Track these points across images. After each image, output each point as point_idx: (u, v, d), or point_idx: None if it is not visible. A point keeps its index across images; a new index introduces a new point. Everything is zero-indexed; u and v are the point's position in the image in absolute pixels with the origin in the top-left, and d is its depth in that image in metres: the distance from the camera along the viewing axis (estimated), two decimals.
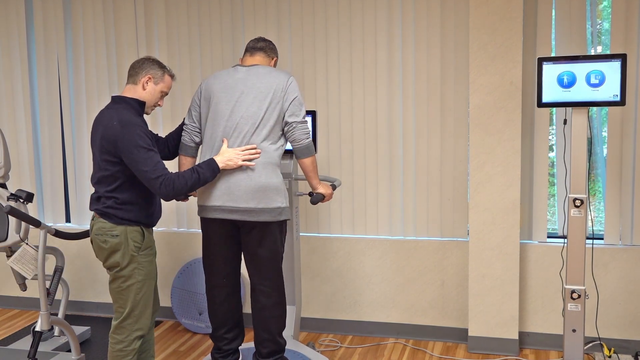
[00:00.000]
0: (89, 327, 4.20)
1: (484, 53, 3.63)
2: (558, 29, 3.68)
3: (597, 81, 3.10)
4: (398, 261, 4.04)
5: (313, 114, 3.42)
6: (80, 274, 4.68)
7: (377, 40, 3.94)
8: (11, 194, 3.43)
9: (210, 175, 2.84)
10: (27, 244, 3.40)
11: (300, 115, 2.93)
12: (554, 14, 3.68)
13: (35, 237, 4.26)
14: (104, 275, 4.61)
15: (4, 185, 3.56)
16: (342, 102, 4.05)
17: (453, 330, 4.00)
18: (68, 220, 4.76)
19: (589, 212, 3.47)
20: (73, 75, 4.55)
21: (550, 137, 3.80)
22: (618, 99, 3.08)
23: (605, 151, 3.72)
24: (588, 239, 3.64)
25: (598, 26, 3.72)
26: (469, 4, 3.68)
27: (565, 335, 3.27)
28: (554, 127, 3.86)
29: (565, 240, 3.30)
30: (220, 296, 3.09)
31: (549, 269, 3.79)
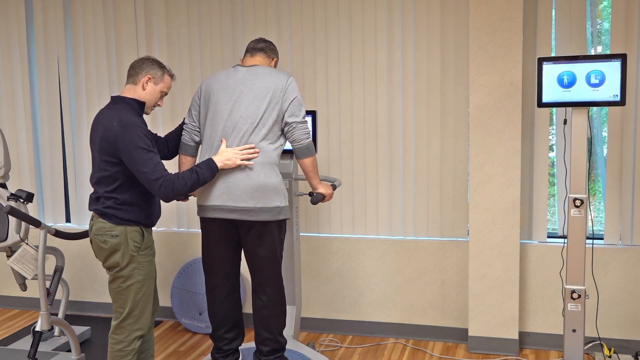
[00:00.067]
0: (89, 327, 4.20)
1: (484, 53, 3.63)
2: (558, 29, 3.68)
3: (597, 81, 3.10)
4: (398, 261, 4.04)
5: (313, 114, 3.41)
6: (80, 274, 4.68)
7: (377, 40, 3.94)
8: (11, 194, 3.43)
9: (209, 175, 2.84)
10: (27, 244, 3.40)
11: (300, 116, 2.93)
12: (554, 14, 3.68)
13: (35, 237, 4.25)
14: (104, 275, 4.61)
15: (4, 185, 3.56)
16: (342, 102, 4.05)
17: (453, 330, 4.00)
18: (68, 220, 4.76)
19: (589, 212, 3.47)
20: (73, 75, 4.55)
21: (550, 137, 3.80)
22: (618, 99, 3.08)
23: (605, 151, 3.72)
24: (588, 239, 3.64)
25: (598, 26, 3.72)
26: (469, 4, 3.68)
27: (565, 335, 3.27)
28: (554, 127, 3.86)
29: (565, 240, 3.30)
30: (220, 296, 3.09)
31: (549, 269, 3.79)
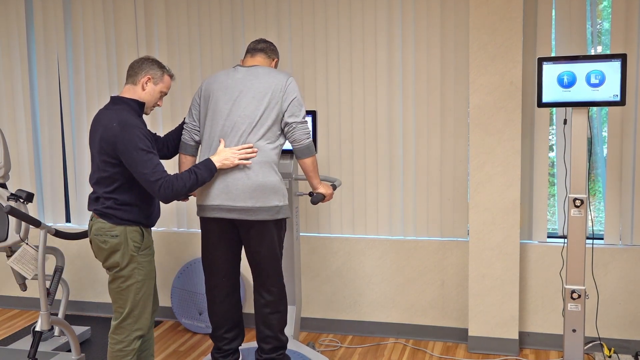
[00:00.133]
0: (89, 327, 4.20)
1: (484, 53, 3.63)
2: (558, 29, 3.68)
3: (597, 81, 3.10)
4: (398, 261, 4.03)
5: (313, 114, 3.41)
6: (80, 274, 4.68)
7: (377, 40, 3.94)
8: (11, 194, 3.43)
9: (208, 176, 2.85)
10: (27, 244, 3.40)
11: (300, 116, 2.93)
12: (554, 14, 3.68)
13: (35, 237, 4.25)
14: (104, 275, 4.61)
15: (4, 185, 3.56)
16: (342, 102, 4.05)
17: (453, 330, 4.00)
18: (68, 220, 4.76)
19: (589, 212, 3.47)
20: (73, 75, 4.55)
21: (550, 137, 3.80)
22: (618, 99, 3.08)
23: (605, 151, 3.72)
24: (588, 239, 3.64)
25: (598, 26, 3.72)
26: (469, 4, 3.68)
27: (565, 335, 3.27)
28: (554, 127, 3.86)
29: (565, 240, 3.30)
30: (219, 296, 3.09)
31: (549, 269, 3.79)
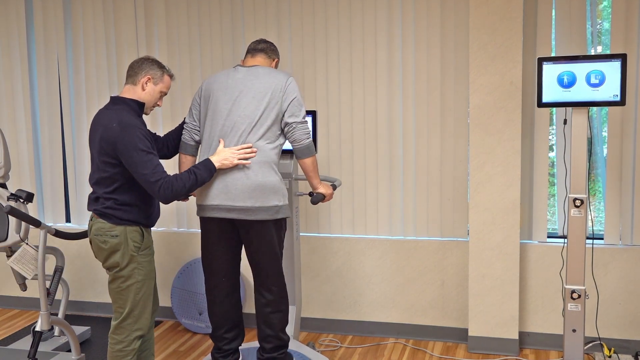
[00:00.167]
0: (89, 327, 4.20)
1: (484, 53, 3.63)
2: (558, 29, 3.68)
3: (597, 81, 3.10)
4: (398, 261, 4.04)
5: (313, 114, 3.41)
6: (80, 274, 4.68)
7: (377, 40, 3.94)
8: (11, 194, 3.43)
9: (207, 176, 2.85)
10: (27, 244, 3.40)
11: (300, 116, 2.93)
12: (554, 14, 3.68)
13: (35, 237, 4.25)
14: (104, 275, 4.61)
15: (4, 185, 3.56)
16: (342, 102, 4.05)
17: (453, 330, 4.00)
18: (68, 220, 4.76)
19: (589, 212, 3.47)
20: (73, 75, 4.55)
21: (550, 137, 3.80)
22: (618, 99, 3.08)
23: (605, 151, 3.72)
24: (588, 239, 3.64)
25: (598, 26, 3.72)
26: (469, 4, 3.68)
27: (565, 335, 3.27)
28: (554, 127, 3.86)
29: (565, 240, 3.30)
30: (219, 296, 3.09)
31: (549, 269, 3.79)
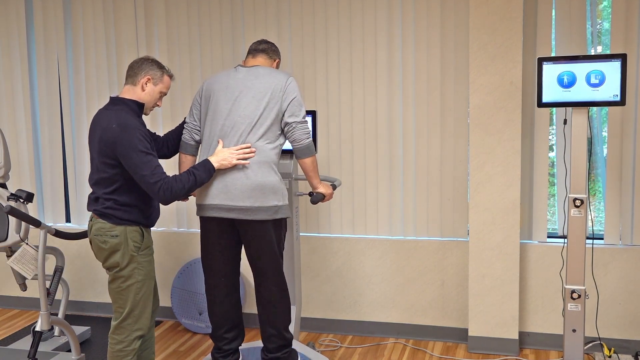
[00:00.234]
0: (89, 327, 4.20)
1: (484, 53, 3.63)
2: (558, 29, 3.68)
3: (597, 81, 3.10)
4: (398, 261, 4.04)
5: (313, 114, 3.41)
6: (80, 274, 4.68)
7: (377, 40, 3.94)
8: (11, 194, 3.43)
9: (206, 177, 2.85)
10: (27, 244, 3.40)
11: (299, 115, 2.93)
12: (554, 14, 3.68)
13: (35, 237, 4.25)
14: (104, 275, 4.61)
15: (4, 185, 3.56)
16: (342, 102, 4.05)
17: (453, 330, 4.00)
18: (68, 220, 4.76)
19: (589, 212, 3.47)
20: (73, 75, 4.55)
21: (550, 137, 3.80)
22: (618, 99, 3.08)
23: (605, 151, 3.72)
24: (588, 239, 3.64)
25: (598, 26, 3.72)
26: (469, 4, 3.68)
27: (565, 335, 3.27)
28: (554, 127, 3.86)
29: (565, 240, 3.30)
30: (219, 296, 3.09)
31: (549, 269, 3.79)
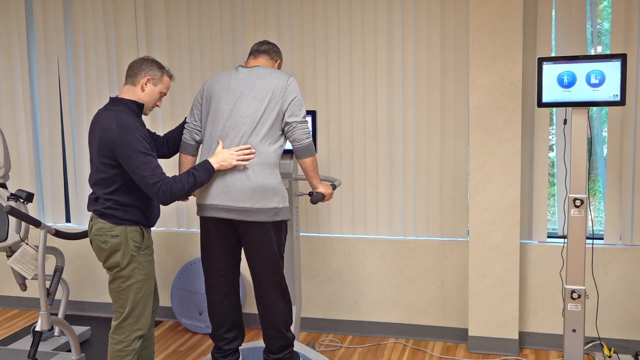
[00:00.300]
0: (89, 327, 4.20)
1: (484, 53, 3.63)
2: (558, 29, 3.68)
3: (597, 81, 3.10)
4: (398, 261, 4.04)
5: (313, 114, 3.41)
6: (80, 274, 4.68)
7: (377, 40, 3.94)
8: (11, 194, 3.43)
9: (206, 177, 2.85)
10: (27, 244, 3.40)
11: (300, 115, 2.93)
12: (554, 14, 3.68)
13: (35, 237, 4.25)
14: (104, 275, 4.61)
15: (4, 185, 3.56)
16: (342, 102, 4.05)
17: (453, 330, 4.00)
18: (68, 220, 4.76)
19: (589, 212, 3.47)
20: (73, 75, 4.55)
21: (550, 137, 3.80)
22: (618, 99, 3.08)
23: (605, 151, 3.72)
24: (588, 239, 3.64)
25: (598, 26, 3.72)
26: (469, 4, 3.68)
27: (565, 335, 3.27)
28: (554, 127, 3.86)
29: (565, 240, 3.30)
30: (219, 296, 3.09)
31: (549, 269, 3.79)
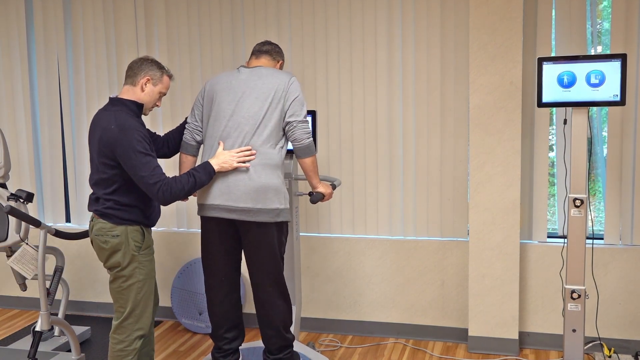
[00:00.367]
0: (89, 327, 4.20)
1: (484, 53, 3.63)
2: (558, 29, 3.68)
3: (597, 81, 3.10)
4: (398, 261, 4.04)
5: (313, 114, 3.41)
6: (80, 274, 4.68)
7: (377, 40, 3.94)
8: (11, 194, 3.43)
9: (206, 179, 2.85)
10: (27, 244, 3.40)
11: (301, 115, 2.92)
12: (554, 14, 3.68)
13: (35, 237, 4.25)
14: (104, 275, 4.61)
15: (4, 185, 3.56)
16: (342, 102, 4.05)
17: (453, 330, 4.00)
18: (68, 220, 4.76)
19: (589, 212, 3.47)
20: (73, 75, 4.55)
21: (550, 137, 3.80)
22: (618, 99, 3.08)
23: (605, 151, 3.72)
24: (588, 239, 3.64)
25: (598, 26, 3.72)
26: (469, 4, 3.68)
27: (565, 335, 3.27)
28: (554, 127, 3.86)
29: (565, 240, 3.30)
30: (219, 296, 3.09)
31: (549, 269, 3.79)
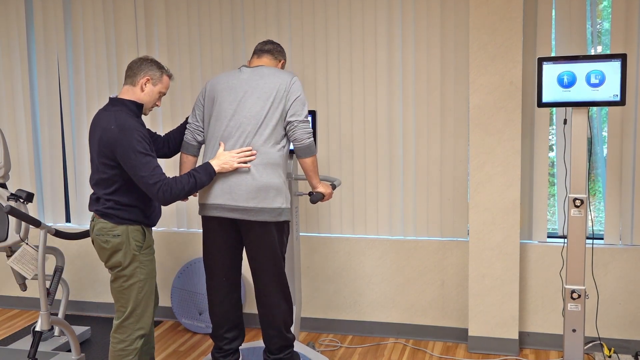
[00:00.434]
0: (89, 327, 4.20)
1: (484, 53, 3.63)
2: (558, 29, 3.68)
3: (597, 81, 3.10)
4: (398, 261, 4.04)
5: (313, 114, 3.42)
6: (80, 274, 4.68)
7: (377, 40, 3.94)
8: (11, 194, 3.43)
9: (206, 180, 2.85)
10: (27, 244, 3.40)
11: (302, 115, 2.92)
12: (554, 14, 3.68)
13: (35, 237, 4.25)
14: (104, 275, 4.61)
15: (4, 185, 3.56)
16: (342, 102, 4.05)
17: (453, 330, 4.00)
18: (68, 220, 4.76)
19: (589, 212, 3.47)
20: (73, 75, 4.55)
21: (550, 137, 3.80)
22: (618, 99, 3.08)
23: (605, 151, 3.72)
24: (588, 239, 3.64)
25: (598, 26, 3.72)
26: (469, 4, 3.68)
27: (565, 335, 3.28)
28: (554, 127, 3.86)
29: (565, 240, 3.31)
30: (220, 296, 3.09)
31: (549, 269, 3.79)
